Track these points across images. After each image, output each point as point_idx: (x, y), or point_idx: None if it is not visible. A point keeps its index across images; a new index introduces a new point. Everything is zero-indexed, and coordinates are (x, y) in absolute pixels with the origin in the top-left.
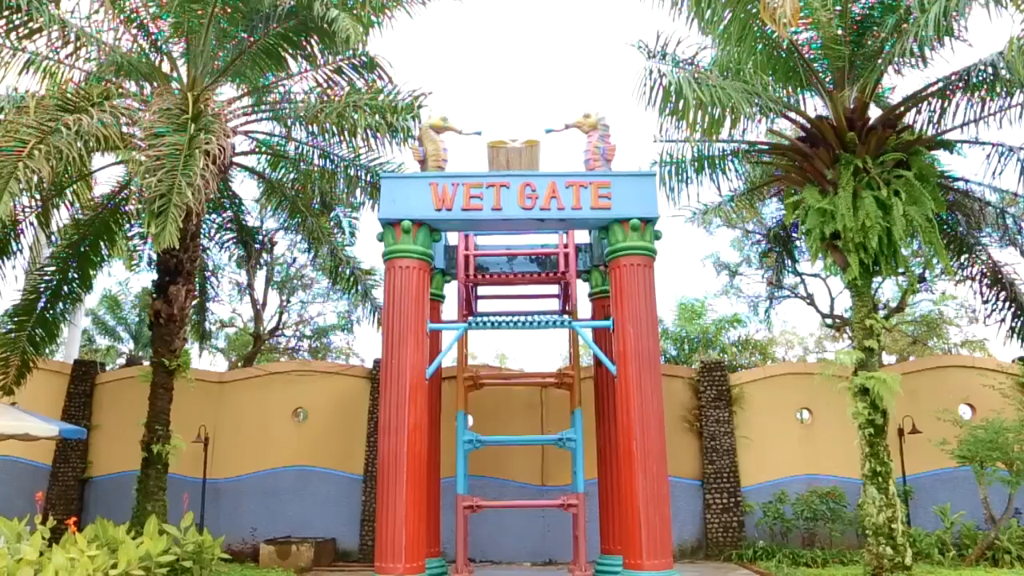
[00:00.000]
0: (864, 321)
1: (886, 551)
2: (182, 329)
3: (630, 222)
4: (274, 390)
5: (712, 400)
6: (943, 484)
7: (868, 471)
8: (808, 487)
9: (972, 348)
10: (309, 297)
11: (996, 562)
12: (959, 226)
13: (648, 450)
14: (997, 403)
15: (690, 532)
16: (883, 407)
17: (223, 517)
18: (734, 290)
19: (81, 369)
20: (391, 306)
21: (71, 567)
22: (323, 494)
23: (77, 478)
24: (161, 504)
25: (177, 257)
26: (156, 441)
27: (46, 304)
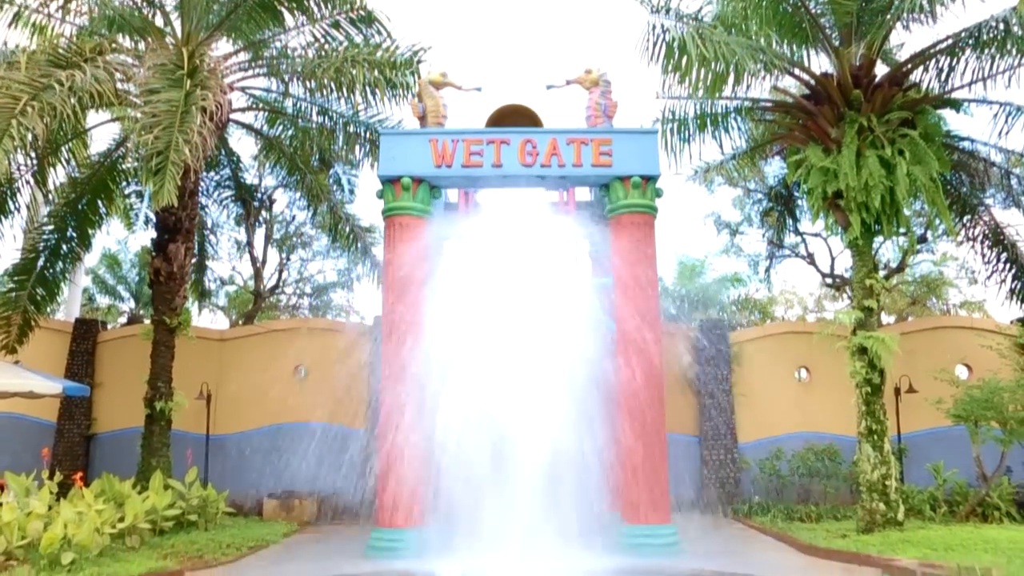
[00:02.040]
0: (864, 281)
1: (879, 507)
2: (182, 287)
3: (631, 180)
4: (275, 347)
5: (711, 358)
6: (937, 442)
7: (864, 429)
8: (804, 444)
9: (971, 309)
10: (309, 255)
11: (986, 518)
12: (963, 186)
13: (647, 407)
14: (994, 363)
15: (687, 488)
16: (881, 366)
17: (227, 472)
18: (734, 249)
19: (83, 328)
20: (391, 263)
21: (79, 521)
22: (325, 449)
23: (82, 434)
24: (165, 460)
25: (176, 215)
26: (159, 398)
27: (45, 263)
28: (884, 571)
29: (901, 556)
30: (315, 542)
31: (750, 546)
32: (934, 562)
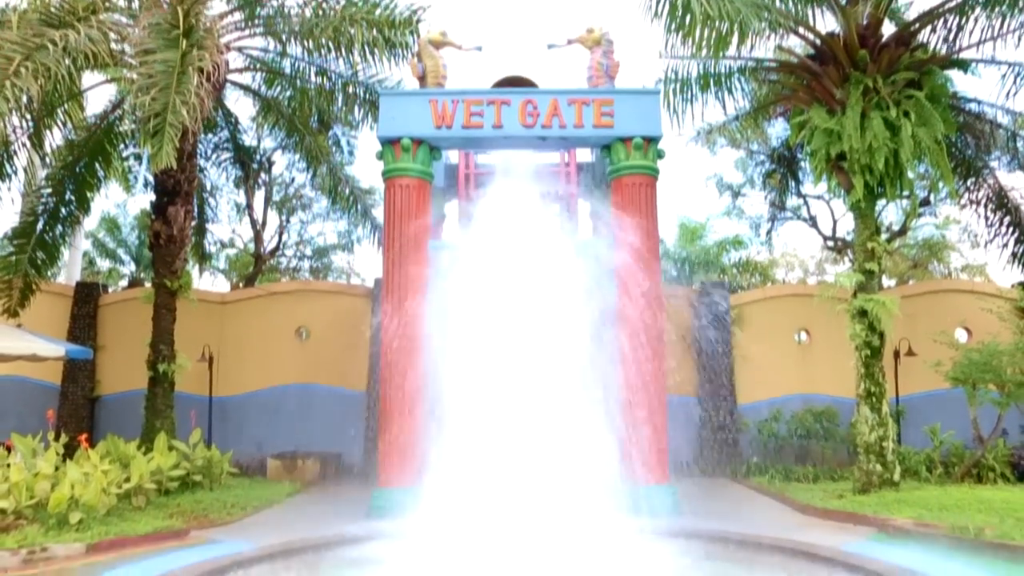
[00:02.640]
0: (866, 244)
1: (876, 468)
2: (182, 250)
3: (633, 141)
4: (276, 310)
5: (711, 320)
6: (935, 405)
7: (863, 391)
8: (803, 406)
9: (972, 273)
10: (309, 217)
11: (981, 479)
12: (968, 149)
13: (647, 368)
14: (994, 327)
15: (686, 449)
16: (880, 329)
17: (230, 433)
18: (736, 211)
19: (84, 291)
20: (391, 225)
21: (86, 481)
22: (327, 410)
23: (86, 397)
24: (169, 421)
25: (174, 178)
26: (161, 360)
27: (45, 226)
28: (879, 530)
29: (896, 516)
30: (319, 502)
31: (748, 506)
32: (928, 522)
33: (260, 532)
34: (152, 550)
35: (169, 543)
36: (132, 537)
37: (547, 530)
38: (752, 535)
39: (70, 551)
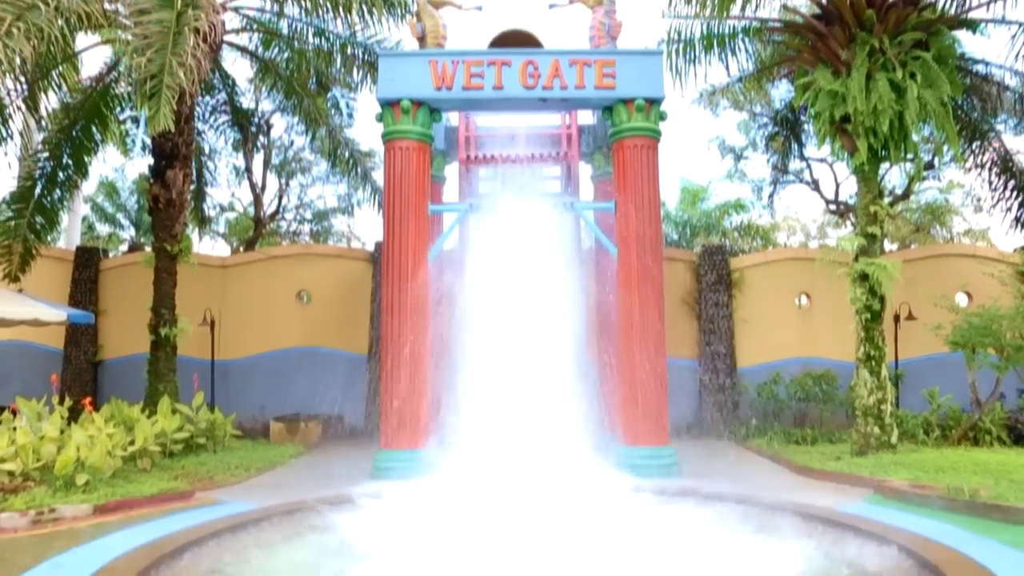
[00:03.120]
0: (868, 207)
1: (873, 431)
2: (182, 214)
3: (635, 102)
4: (277, 273)
5: (712, 284)
6: (934, 368)
7: (862, 355)
8: (803, 369)
9: (974, 237)
10: (308, 180)
11: (977, 442)
12: (974, 111)
13: (647, 331)
14: (995, 291)
15: (686, 411)
16: (881, 293)
17: (232, 396)
18: (738, 174)
19: (84, 256)
20: (391, 188)
21: (91, 444)
22: (329, 373)
23: (89, 361)
24: (172, 385)
25: (172, 141)
26: (163, 324)
27: (43, 191)
28: (875, 491)
29: (893, 477)
30: (321, 463)
31: (746, 467)
32: (924, 483)
33: (264, 493)
34: (158, 511)
35: (175, 504)
36: (138, 498)
37: (545, 491)
38: (748, 495)
39: (77, 512)
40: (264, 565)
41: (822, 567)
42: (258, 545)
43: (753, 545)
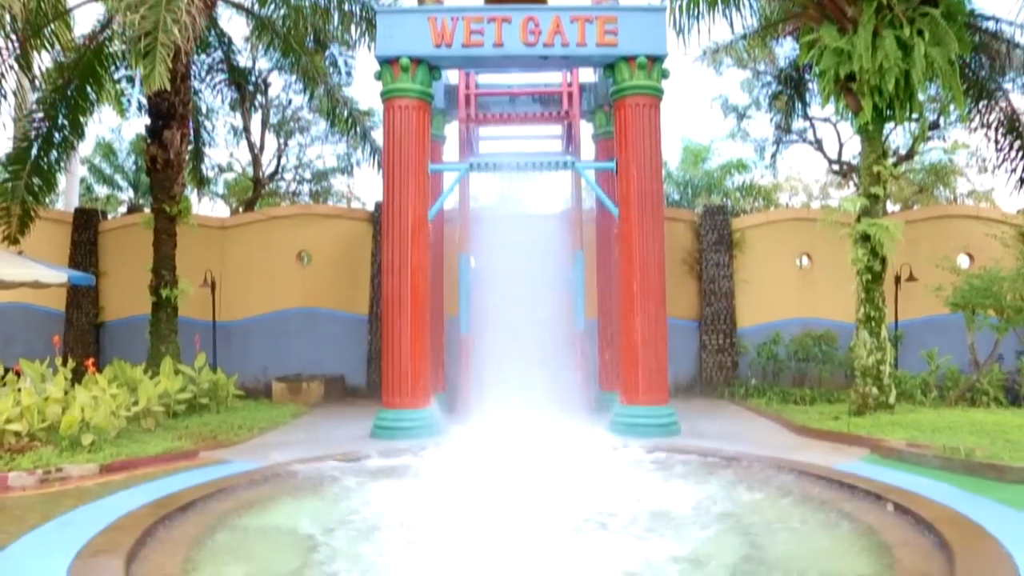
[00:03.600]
0: (872, 167)
1: (872, 391)
2: (180, 174)
3: (637, 60)
4: (277, 234)
5: (713, 244)
6: (933, 330)
7: (862, 316)
8: (803, 330)
9: (978, 199)
10: (307, 140)
11: (974, 403)
12: (982, 70)
13: (648, 291)
14: (997, 253)
15: (686, 371)
16: (883, 254)
17: (234, 357)
18: (741, 134)
19: (83, 217)
20: (391, 147)
21: (95, 404)
22: (330, 334)
23: (91, 323)
24: (174, 346)
25: (168, 100)
26: (164, 286)
27: (39, 152)
28: (872, 451)
29: (890, 437)
30: (323, 423)
31: (745, 426)
32: (921, 443)
33: (267, 452)
34: (163, 470)
35: (179, 463)
36: (143, 458)
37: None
38: (745, 453)
39: (84, 471)
40: (270, 521)
41: (819, 521)
42: (263, 501)
43: (751, 500)
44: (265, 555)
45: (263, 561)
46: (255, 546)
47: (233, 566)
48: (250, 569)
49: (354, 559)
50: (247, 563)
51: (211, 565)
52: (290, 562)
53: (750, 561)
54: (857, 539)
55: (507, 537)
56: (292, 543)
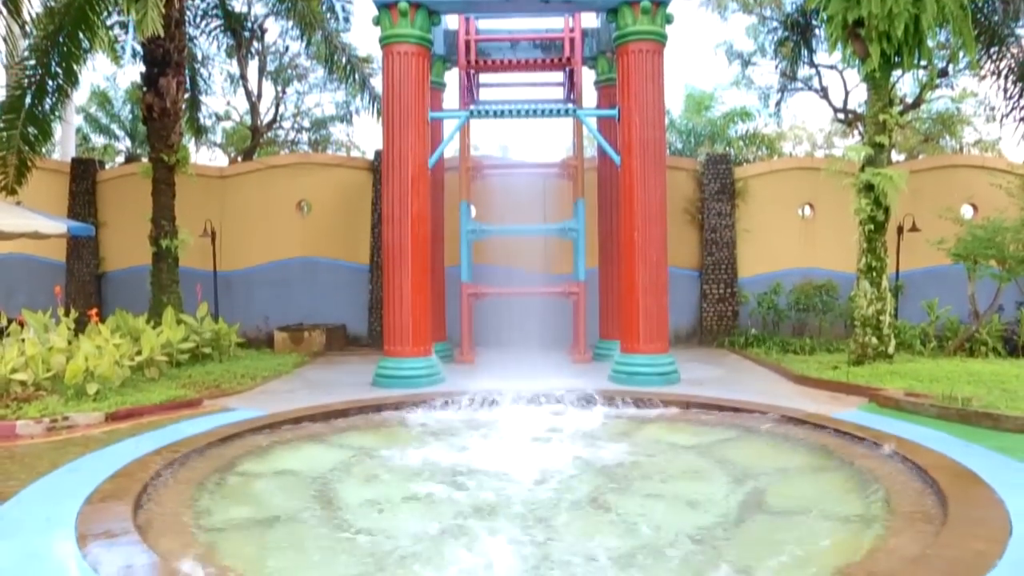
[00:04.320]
0: (878, 116)
1: (871, 340)
2: (177, 123)
3: (640, 4)
4: (276, 183)
5: (715, 193)
6: (935, 280)
7: (864, 266)
8: (803, 280)
9: (984, 148)
10: (305, 88)
11: (972, 353)
12: (995, 15)
13: (649, 240)
14: (1001, 203)
15: (686, 320)
16: (886, 204)
17: (236, 307)
18: (745, 81)
19: (80, 167)
20: (390, 94)
21: (99, 354)
22: (331, 283)
23: (92, 273)
24: (175, 296)
25: (163, 47)
26: (164, 236)
27: (33, 100)
28: (870, 400)
29: (888, 386)
30: (326, 372)
31: (744, 376)
32: (918, 392)
33: (271, 400)
34: (168, 418)
35: (184, 412)
36: (148, 406)
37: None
38: (743, 402)
39: (90, 420)
40: (275, 466)
41: (815, 467)
42: (267, 447)
43: (749, 445)
44: (270, 498)
45: (268, 504)
46: (260, 490)
47: (238, 509)
48: (255, 512)
49: (355, 503)
50: (253, 506)
51: (217, 509)
52: (294, 504)
53: (746, 506)
54: (853, 485)
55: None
56: (296, 487)
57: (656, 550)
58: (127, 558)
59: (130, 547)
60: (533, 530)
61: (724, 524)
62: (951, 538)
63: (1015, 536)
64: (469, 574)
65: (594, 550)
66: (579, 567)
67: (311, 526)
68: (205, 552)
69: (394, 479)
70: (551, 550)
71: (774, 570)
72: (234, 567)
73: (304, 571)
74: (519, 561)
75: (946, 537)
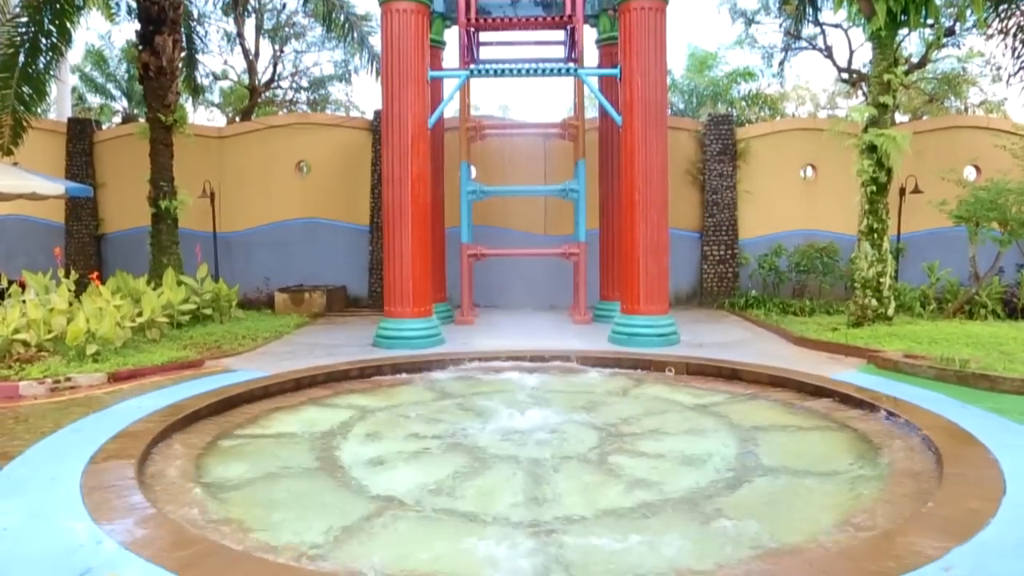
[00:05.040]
0: (882, 76)
1: (871, 302)
2: (174, 82)
3: None
4: (275, 144)
5: (717, 154)
6: (936, 243)
7: (865, 228)
8: (804, 242)
9: (989, 109)
10: (303, 46)
11: (972, 315)
12: None
13: (650, 201)
14: (1005, 164)
15: (686, 281)
16: (889, 165)
17: (236, 268)
18: (748, 40)
19: (77, 127)
20: (389, 53)
21: (100, 315)
22: (331, 245)
23: (91, 235)
24: (175, 257)
25: (158, 4)
26: (163, 197)
27: (27, 59)
28: (869, 361)
29: (886, 348)
30: (326, 333)
31: (743, 337)
32: (917, 354)
33: (272, 361)
34: (170, 379)
35: (186, 372)
36: (150, 367)
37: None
38: (742, 363)
39: (92, 380)
40: (276, 426)
41: (812, 426)
42: (270, 408)
43: (745, 405)
44: (271, 457)
45: (269, 463)
46: (262, 449)
47: (240, 466)
48: (256, 470)
49: (358, 461)
50: (254, 465)
51: (220, 466)
52: (295, 462)
53: (743, 465)
54: (849, 444)
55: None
56: (298, 446)
57: (654, 506)
58: (133, 516)
59: (135, 505)
60: (534, 488)
61: (720, 482)
62: (946, 496)
63: (1009, 495)
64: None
65: (595, 502)
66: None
67: (313, 482)
68: (209, 508)
69: (395, 437)
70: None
71: (768, 528)
72: (239, 520)
73: (307, 522)
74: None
75: (941, 496)
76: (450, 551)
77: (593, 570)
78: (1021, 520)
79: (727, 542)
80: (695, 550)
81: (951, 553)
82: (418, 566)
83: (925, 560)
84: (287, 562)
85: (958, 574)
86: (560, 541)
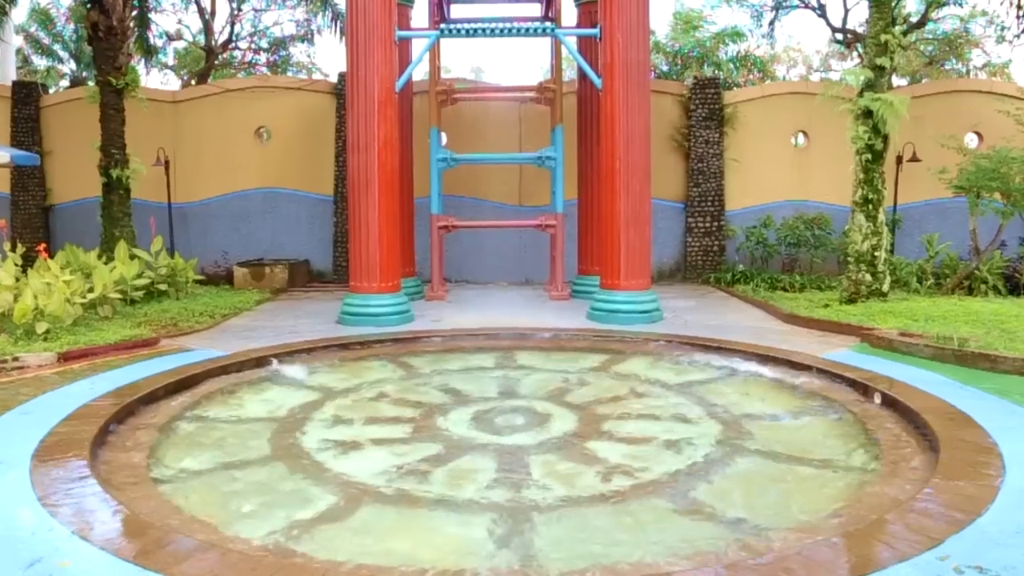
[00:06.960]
0: (879, 36)
1: (865, 277)
2: (125, 43)
3: None
4: (233, 109)
5: (703, 119)
6: (935, 214)
7: (859, 198)
8: (795, 213)
9: (992, 72)
10: (262, 4)
11: (971, 291)
12: None
13: (631, 169)
14: (1009, 131)
15: (670, 255)
16: (885, 131)
17: (193, 241)
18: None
19: (22, 91)
20: (354, 12)
21: (48, 291)
22: (293, 216)
23: (39, 206)
24: (128, 230)
25: None
26: (114, 166)
27: None
28: (862, 339)
29: (881, 325)
30: (288, 309)
31: (730, 314)
32: (913, 332)
33: (231, 340)
34: (123, 359)
35: (140, 352)
36: (102, 346)
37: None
38: (728, 341)
39: (42, 360)
40: (234, 409)
41: (802, 409)
42: (226, 389)
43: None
44: (231, 440)
45: (229, 446)
46: (218, 433)
47: (198, 450)
48: (215, 453)
49: (321, 443)
50: (212, 448)
51: (176, 450)
52: (252, 448)
53: (732, 448)
54: (841, 427)
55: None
56: (259, 429)
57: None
58: (84, 502)
59: (87, 491)
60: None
61: (708, 466)
62: (942, 482)
63: (1008, 480)
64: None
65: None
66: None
67: (273, 469)
68: (165, 494)
69: (361, 419)
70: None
71: (760, 514)
72: (196, 507)
73: (268, 508)
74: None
75: (937, 481)
76: (420, 537)
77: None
78: (1020, 506)
79: (712, 530)
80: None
81: (948, 541)
82: (389, 551)
83: (921, 548)
84: (246, 549)
85: (955, 562)
86: (535, 527)
